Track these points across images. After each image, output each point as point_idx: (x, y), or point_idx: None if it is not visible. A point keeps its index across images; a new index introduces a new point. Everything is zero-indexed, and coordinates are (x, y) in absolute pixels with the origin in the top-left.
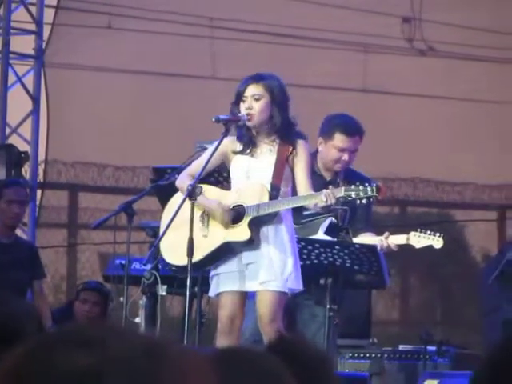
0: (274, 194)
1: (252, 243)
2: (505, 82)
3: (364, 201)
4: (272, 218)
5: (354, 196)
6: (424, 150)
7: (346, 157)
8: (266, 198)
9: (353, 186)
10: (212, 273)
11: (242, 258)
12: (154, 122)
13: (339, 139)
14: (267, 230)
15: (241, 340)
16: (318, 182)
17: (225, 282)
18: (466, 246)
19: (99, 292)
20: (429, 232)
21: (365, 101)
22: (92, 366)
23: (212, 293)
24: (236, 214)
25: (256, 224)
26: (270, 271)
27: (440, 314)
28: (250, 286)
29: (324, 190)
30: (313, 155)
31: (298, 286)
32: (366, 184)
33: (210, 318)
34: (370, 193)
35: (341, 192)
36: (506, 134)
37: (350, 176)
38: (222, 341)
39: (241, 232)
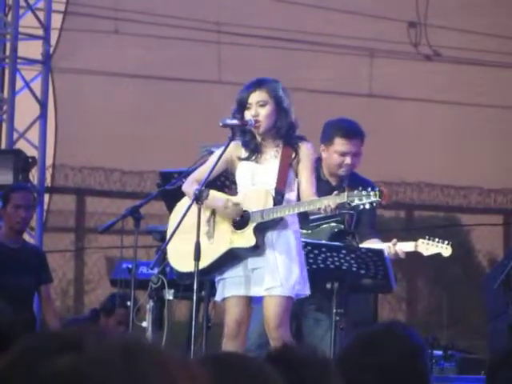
0: (279, 199)
1: (258, 249)
2: (511, 86)
3: (367, 205)
4: (277, 224)
5: (357, 201)
6: (429, 154)
7: (348, 160)
8: (270, 204)
9: (356, 192)
10: (217, 277)
11: (247, 263)
12: (161, 127)
13: (339, 143)
14: (272, 236)
15: (246, 343)
16: (324, 188)
17: (230, 286)
18: (472, 250)
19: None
20: (437, 240)
21: (371, 105)
22: (70, 368)
23: (218, 297)
24: (241, 220)
25: (261, 230)
26: (276, 277)
27: (446, 318)
28: (255, 291)
29: (325, 200)
30: (317, 161)
31: (304, 290)
32: (369, 189)
33: (216, 322)
34: (373, 198)
35: (344, 198)
36: None
37: (353, 181)
38: (228, 345)
39: (246, 238)
